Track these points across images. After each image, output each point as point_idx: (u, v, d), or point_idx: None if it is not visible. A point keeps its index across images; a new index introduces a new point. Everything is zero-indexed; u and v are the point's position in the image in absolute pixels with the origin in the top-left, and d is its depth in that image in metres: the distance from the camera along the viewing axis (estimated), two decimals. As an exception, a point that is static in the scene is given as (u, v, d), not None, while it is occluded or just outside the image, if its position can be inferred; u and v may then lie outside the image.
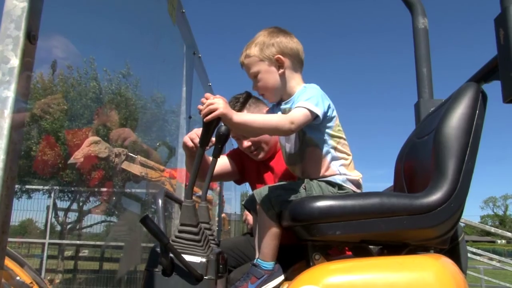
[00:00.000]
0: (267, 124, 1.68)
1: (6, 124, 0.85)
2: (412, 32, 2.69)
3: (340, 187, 1.81)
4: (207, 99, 1.58)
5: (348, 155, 1.88)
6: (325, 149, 1.83)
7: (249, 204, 1.91)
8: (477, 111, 1.67)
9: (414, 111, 2.66)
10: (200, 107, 1.59)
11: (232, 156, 2.49)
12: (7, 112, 0.86)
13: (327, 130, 1.83)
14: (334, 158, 1.83)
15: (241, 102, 2.38)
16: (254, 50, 1.89)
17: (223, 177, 2.62)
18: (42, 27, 0.95)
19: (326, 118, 1.81)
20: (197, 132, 2.11)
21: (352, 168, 1.88)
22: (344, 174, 1.83)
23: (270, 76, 1.88)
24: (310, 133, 1.82)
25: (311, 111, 1.71)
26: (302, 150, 1.86)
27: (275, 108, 2.01)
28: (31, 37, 0.90)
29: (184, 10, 3.16)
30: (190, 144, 2.11)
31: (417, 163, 1.91)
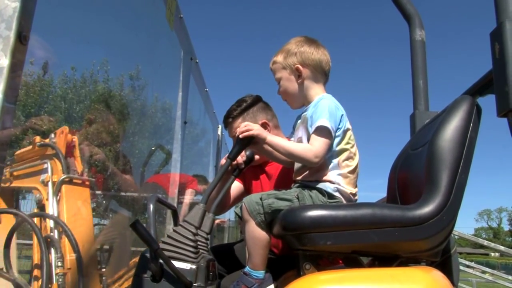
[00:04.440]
0: (294, 153, 1.80)
1: (-9, 125, 0.83)
2: (410, 44, 2.70)
3: (330, 196, 1.78)
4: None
5: (352, 168, 1.85)
6: (327, 156, 1.80)
7: (241, 211, 1.89)
8: (471, 124, 1.67)
9: (409, 122, 2.66)
10: (238, 128, 1.83)
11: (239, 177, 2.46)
12: (-6, 113, 0.84)
13: (335, 140, 1.82)
14: (334, 167, 1.81)
15: (247, 102, 2.43)
16: (279, 57, 2.00)
17: (240, 198, 2.58)
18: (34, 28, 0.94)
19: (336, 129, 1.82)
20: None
21: (350, 182, 1.83)
22: (338, 184, 1.80)
23: (289, 84, 2.00)
24: None
25: (329, 132, 1.77)
26: None
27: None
28: (22, 37, 0.88)
29: (182, 15, 3.16)
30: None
31: (411, 175, 1.90)
